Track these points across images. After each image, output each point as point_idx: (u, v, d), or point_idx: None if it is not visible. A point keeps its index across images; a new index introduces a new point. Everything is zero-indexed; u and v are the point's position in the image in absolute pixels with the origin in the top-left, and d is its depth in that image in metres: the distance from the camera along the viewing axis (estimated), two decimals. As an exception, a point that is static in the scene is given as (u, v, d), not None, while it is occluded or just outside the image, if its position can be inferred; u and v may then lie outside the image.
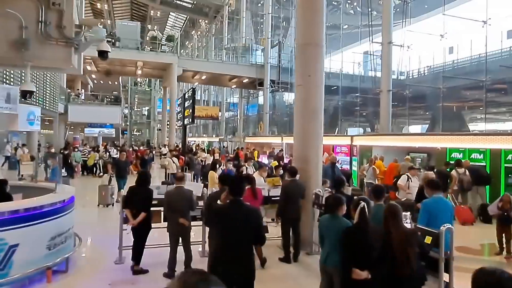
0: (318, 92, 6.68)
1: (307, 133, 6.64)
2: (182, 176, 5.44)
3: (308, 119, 6.63)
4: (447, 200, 5.48)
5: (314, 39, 6.66)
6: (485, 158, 9.98)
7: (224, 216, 3.37)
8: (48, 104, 17.40)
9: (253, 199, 5.45)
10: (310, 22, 6.70)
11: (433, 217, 4.49)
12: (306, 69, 6.66)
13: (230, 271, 3.25)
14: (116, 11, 46.07)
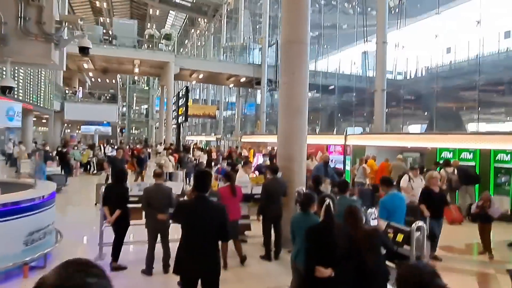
0: (302, 90, 6.66)
1: (291, 131, 6.62)
2: (161, 173, 5.44)
3: (292, 117, 6.61)
4: (402, 196, 5.74)
5: (298, 37, 6.64)
6: (474, 158, 9.96)
7: (188, 211, 3.36)
8: (42, 101, 17.38)
9: (232, 196, 5.43)
10: (294, 20, 6.68)
11: (391, 213, 4.90)
12: (290, 67, 6.64)
13: (195, 266, 3.25)
14: (115, 9, 46.10)
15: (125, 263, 5.46)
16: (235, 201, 5.49)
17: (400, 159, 11.53)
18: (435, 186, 6.46)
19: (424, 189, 6.55)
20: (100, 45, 24.38)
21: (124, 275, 5.26)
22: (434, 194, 6.31)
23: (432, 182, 6.45)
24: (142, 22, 49.18)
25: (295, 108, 6.59)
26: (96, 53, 24.57)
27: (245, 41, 30.94)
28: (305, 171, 6.75)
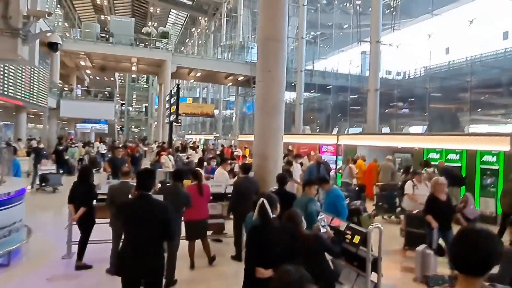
0: (279, 88, 6.57)
1: (267, 129, 6.54)
2: (128, 171, 5.36)
3: (268, 115, 6.53)
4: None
5: (275, 34, 6.55)
6: (461, 159, 9.82)
7: (129, 210, 3.27)
8: (35, 98, 17.36)
9: (199, 196, 5.34)
10: (271, 17, 6.60)
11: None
12: (266, 65, 6.56)
13: (136, 266, 3.17)
14: (117, 7, 46.13)
15: (90, 262, 5.39)
16: (203, 200, 5.40)
17: (389, 159, 11.40)
18: (441, 193, 5.76)
19: (429, 196, 5.87)
20: (97, 42, 24.43)
21: (88, 274, 5.19)
22: (441, 202, 5.70)
23: (438, 189, 5.76)
24: (143, 20, 49.33)
25: (271, 106, 6.51)
26: (93, 51, 24.65)
27: (243, 40, 30.84)
28: (279, 171, 6.64)
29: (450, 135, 10.56)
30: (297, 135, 19.34)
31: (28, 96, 16.39)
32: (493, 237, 1.56)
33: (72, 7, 43.88)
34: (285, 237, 3.11)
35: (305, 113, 27.35)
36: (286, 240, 3.10)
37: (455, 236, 1.63)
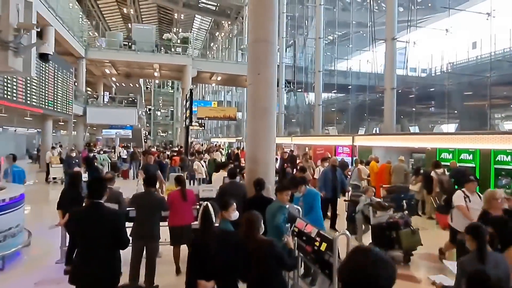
0: (269, 91, 6.49)
1: (257, 133, 6.47)
2: (111, 177, 5.46)
3: (258, 118, 6.46)
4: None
5: (264, 36, 6.48)
6: (474, 159, 9.36)
7: (79, 219, 3.29)
8: (60, 106, 18.05)
9: (183, 201, 5.35)
10: (260, 18, 6.53)
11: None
12: (256, 67, 6.50)
13: (88, 275, 3.19)
14: (143, 15, 47.29)
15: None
16: (186, 206, 5.41)
17: (402, 160, 11.04)
18: (497, 210, 4.64)
19: (482, 213, 4.80)
20: (120, 50, 25.18)
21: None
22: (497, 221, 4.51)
23: (494, 205, 4.67)
24: (169, 27, 50.38)
25: (261, 108, 6.43)
26: (116, 58, 25.44)
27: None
28: (271, 174, 6.55)
29: (461, 134, 10.07)
30: (311, 136, 19.07)
31: (52, 104, 17.05)
32: (383, 262, 1.46)
33: (102, 17, 45.51)
34: (228, 246, 3.04)
35: (330, 114, 27.06)
36: (229, 249, 3.03)
37: (347, 255, 1.55)
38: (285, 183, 4.82)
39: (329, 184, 8.53)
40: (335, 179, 8.64)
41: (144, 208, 4.82)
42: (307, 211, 5.31)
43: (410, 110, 28.69)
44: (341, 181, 8.87)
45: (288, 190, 4.60)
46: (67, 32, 20.91)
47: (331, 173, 8.72)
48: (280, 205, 4.46)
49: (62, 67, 18.53)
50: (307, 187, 5.60)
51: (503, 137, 8.73)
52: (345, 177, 10.02)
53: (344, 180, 9.11)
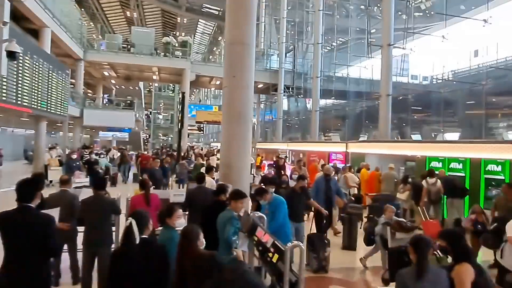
0: (244, 94, 6.30)
1: (232, 138, 6.27)
2: (67, 179, 5.23)
3: (233, 122, 6.27)
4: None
5: (241, 38, 6.31)
6: (464, 168, 9.07)
7: (6, 224, 3.04)
8: (54, 107, 17.97)
9: (146, 206, 5.12)
10: (237, 19, 6.36)
11: None
12: (232, 70, 6.32)
13: (16, 284, 2.97)
14: (147, 19, 47.41)
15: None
16: (150, 211, 5.15)
17: (392, 168, 10.78)
18: None
19: None
20: (118, 53, 25.15)
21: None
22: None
23: None
24: (173, 31, 50.47)
25: (236, 113, 6.24)
26: (115, 61, 25.39)
27: (263, 47, 30.73)
28: (246, 180, 6.34)
29: (452, 142, 9.80)
30: (306, 143, 18.82)
31: (46, 105, 16.95)
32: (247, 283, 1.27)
33: (107, 20, 45.72)
34: (152, 264, 2.81)
35: (333, 120, 26.83)
36: (153, 267, 2.80)
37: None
38: (236, 191, 4.45)
39: (322, 195, 7.73)
40: (329, 190, 7.84)
41: (93, 213, 4.61)
42: (271, 220, 5.08)
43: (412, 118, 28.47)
44: (337, 191, 8.11)
45: (243, 198, 4.26)
46: (65, 33, 20.89)
47: (324, 183, 7.94)
48: (231, 215, 4.11)
49: (57, 68, 18.45)
50: (274, 195, 5.36)
51: (495, 146, 8.48)
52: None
53: (340, 190, 8.30)
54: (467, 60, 24.64)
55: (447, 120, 27.77)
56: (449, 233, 3.43)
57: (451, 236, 3.17)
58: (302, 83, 26.59)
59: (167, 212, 3.45)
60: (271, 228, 5.15)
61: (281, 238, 5.20)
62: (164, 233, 3.41)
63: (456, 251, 3.00)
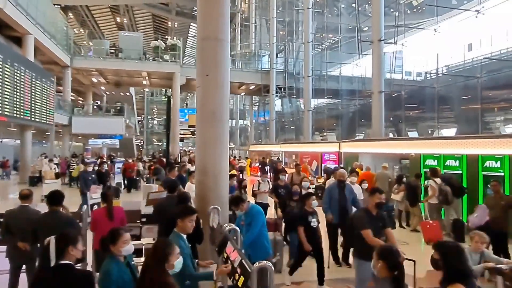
0: (219, 94, 5.79)
1: (207, 141, 5.76)
2: (28, 194, 4.70)
3: (207, 124, 5.75)
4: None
5: (213, 33, 5.81)
6: (461, 165, 8.59)
7: None
8: (39, 116, 17.45)
9: (108, 221, 4.62)
10: (209, 13, 5.87)
11: None
12: (204, 68, 5.82)
13: None
14: (138, 24, 47.02)
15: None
16: (113, 226, 4.66)
17: (385, 167, 10.29)
18: None
19: None
20: (106, 58, 24.67)
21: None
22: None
23: None
24: (164, 35, 50.04)
25: (210, 114, 5.73)
26: (103, 67, 24.92)
27: (254, 48, 30.34)
28: (224, 186, 5.83)
29: (447, 138, 9.33)
30: (299, 144, 18.36)
31: (29, 114, 16.44)
32: None
33: (97, 27, 45.27)
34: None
35: (328, 120, 26.40)
36: None
37: None
38: (183, 207, 3.69)
39: (336, 205, 6.54)
40: (343, 199, 6.56)
41: (47, 231, 4.09)
42: (247, 231, 4.65)
43: (408, 115, 28.06)
44: (353, 201, 6.71)
45: (192, 215, 3.47)
46: (49, 40, 20.39)
47: (338, 191, 6.64)
48: (177, 243, 3.22)
49: (40, 76, 17.94)
50: (251, 204, 4.92)
51: (492, 141, 8.01)
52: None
53: (357, 200, 6.85)
54: (461, 54, 24.30)
55: (443, 116, 27.42)
56: (447, 245, 2.68)
57: (448, 249, 2.54)
58: (294, 83, 26.16)
59: (111, 237, 2.91)
60: (247, 240, 4.68)
61: (259, 251, 4.73)
62: (104, 264, 2.86)
63: (451, 269, 2.41)
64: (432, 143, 9.57)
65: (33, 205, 4.79)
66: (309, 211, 5.46)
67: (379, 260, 2.43)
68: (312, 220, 5.44)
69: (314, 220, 5.47)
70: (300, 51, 26.19)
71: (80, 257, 2.65)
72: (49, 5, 21.44)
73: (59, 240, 2.49)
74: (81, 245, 2.58)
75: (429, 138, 10.40)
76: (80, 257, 2.65)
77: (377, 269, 2.43)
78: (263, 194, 8.59)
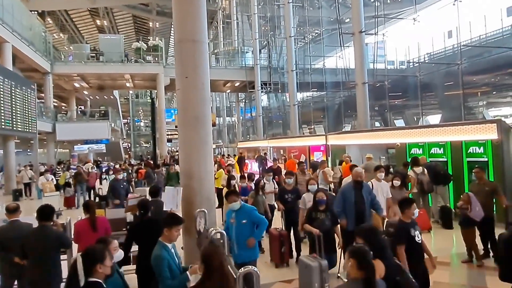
0: (200, 96, 5.73)
1: (190, 144, 5.70)
2: (16, 207, 4.54)
3: (190, 127, 5.69)
4: None
5: (190, 35, 5.74)
6: (445, 152, 8.68)
7: None
8: (21, 125, 17.14)
9: (92, 232, 4.52)
10: (184, 15, 5.80)
11: None
12: (183, 70, 5.76)
13: None
14: (119, 26, 46.38)
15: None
16: (97, 237, 4.55)
17: (370, 158, 10.33)
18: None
19: None
20: (87, 63, 24.31)
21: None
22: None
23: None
24: (146, 36, 49.47)
25: (192, 117, 5.67)
26: (84, 71, 24.55)
27: (238, 45, 30.22)
28: (210, 189, 5.79)
29: (431, 126, 9.40)
30: (286, 138, 18.38)
31: (10, 124, 16.13)
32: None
33: (77, 31, 44.54)
34: None
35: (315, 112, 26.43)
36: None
37: None
38: (170, 216, 3.63)
39: (352, 210, 5.58)
40: (361, 201, 5.59)
41: (36, 248, 3.99)
42: (239, 234, 4.56)
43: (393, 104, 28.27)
44: (372, 203, 5.74)
45: (180, 225, 3.43)
46: (28, 47, 19.98)
47: (353, 192, 5.64)
48: (159, 253, 3.20)
49: (20, 84, 17.59)
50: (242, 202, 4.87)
51: (474, 127, 8.09)
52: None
53: (376, 202, 5.84)
54: (441, 42, 24.55)
55: (427, 103, 27.73)
56: (365, 229, 3.30)
57: (367, 233, 3.12)
58: (279, 78, 26.15)
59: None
60: (242, 240, 4.63)
61: (252, 251, 4.70)
62: None
63: (373, 247, 2.69)
64: (415, 131, 9.64)
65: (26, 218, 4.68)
66: (408, 223, 4.08)
67: (350, 258, 2.44)
68: (415, 233, 4.04)
69: (417, 233, 4.07)
70: (283, 46, 26.15)
71: (110, 273, 2.59)
72: (25, 12, 21.00)
73: (87, 258, 2.42)
74: (109, 261, 2.52)
75: (413, 127, 10.46)
76: (110, 273, 2.59)
77: (348, 268, 2.45)
78: (269, 195, 7.65)
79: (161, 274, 3.12)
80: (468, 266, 5.95)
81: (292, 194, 6.81)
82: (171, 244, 3.39)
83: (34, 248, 4.04)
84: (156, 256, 3.18)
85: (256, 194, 7.14)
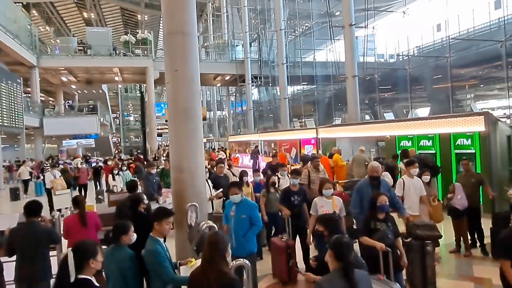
0: (189, 89, 5.68)
1: (180, 138, 5.66)
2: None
3: (179, 121, 5.65)
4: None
5: (179, 27, 5.67)
6: (434, 145, 8.77)
7: None
8: (6, 120, 16.86)
9: (82, 227, 4.47)
10: (173, 6, 5.72)
11: None
12: (173, 63, 5.69)
13: None
14: (107, 19, 45.72)
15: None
16: (87, 232, 4.50)
17: (362, 150, 10.41)
18: None
19: None
20: (74, 56, 23.95)
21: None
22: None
23: None
24: (135, 29, 48.89)
25: (182, 110, 5.62)
26: (72, 65, 24.18)
27: (228, 38, 30.05)
28: (202, 183, 5.76)
29: (420, 119, 9.50)
30: (275, 132, 18.40)
31: (-4, 118, 15.89)
32: None
33: (64, 24, 43.77)
34: None
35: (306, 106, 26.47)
36: None
37: None
38: (159, 209, 3.49)
39: (367, 208, 4.64)
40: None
41: (24, 244, 3.93)
42: (238, 228, 4.44)
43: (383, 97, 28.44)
44: (392, 202, 4.74)
45: (170, 217, 3.31)
46: (13, 40, 19.58)
47: (370, 189, 4.91)
48: (154, 248, 3.11)
49: (6, 78, 17.30)
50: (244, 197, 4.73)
51: (462, 119, 8.19)
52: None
53: (397, 200, 5.16)
54: (430, 35, 24.76)
55: (416, 96, 27.95)
56: (326, 218, 3.58)
57: (327, 221, 3.44)
58: (270, 71, 26.11)
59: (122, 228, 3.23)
60: (240, 234, 4.51)
61: (250, 245, 4.59)
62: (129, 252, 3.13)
63: (331, 233, 3.05)
64: (404, 124, 9.73)
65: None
66: None
67: (329, 250, 2.47)
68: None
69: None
70: (273, 39, 26.09)
71: (100, 268, 2.54)
72: (9, 4, 20.57)
73: (77, 253, 2.37)
74: (100, 256, 2.47)
75: (402, 120, 10.57)
76: (100, 268, 2.54)
77: (328, 260, 2.47)
78: None
79: (161, 267, 3.07)
80: (456, 256, 6.05)
81: (299, 196, 5.79)
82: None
83: (23, 244, 3.98)
84: (151, 251, 3.10)
85: (267, 192, 6.34)
